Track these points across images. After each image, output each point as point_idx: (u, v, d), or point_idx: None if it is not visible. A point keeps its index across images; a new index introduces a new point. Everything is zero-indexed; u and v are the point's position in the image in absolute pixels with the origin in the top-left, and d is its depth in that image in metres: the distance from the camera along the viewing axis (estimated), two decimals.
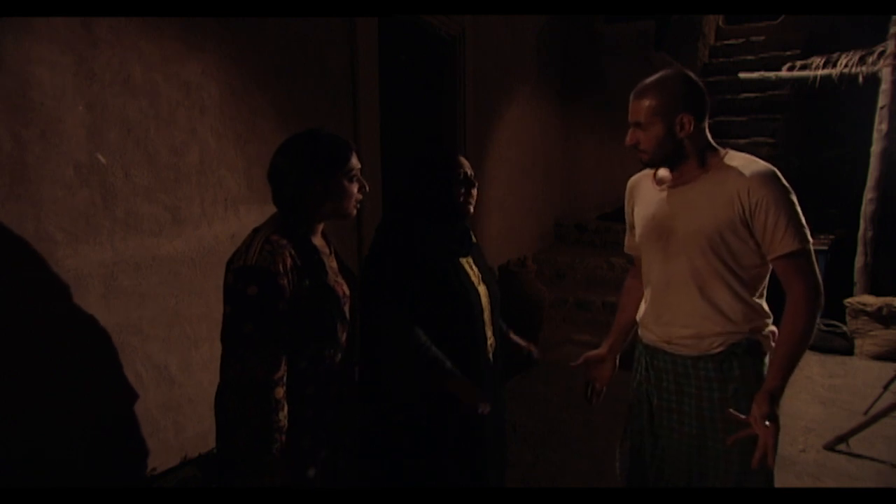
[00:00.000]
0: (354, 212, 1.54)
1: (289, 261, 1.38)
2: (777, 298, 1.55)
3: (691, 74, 1.54)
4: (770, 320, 1.56)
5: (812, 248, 1.45)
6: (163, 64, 2.17)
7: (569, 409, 3.37)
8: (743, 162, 1.49)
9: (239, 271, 1.36)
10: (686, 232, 1.53)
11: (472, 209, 1.76)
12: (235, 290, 1.35)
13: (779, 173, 1.47)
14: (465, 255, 1.75)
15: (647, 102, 1.49)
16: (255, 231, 1.45)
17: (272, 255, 1.35)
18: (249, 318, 1.33)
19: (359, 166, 1.52)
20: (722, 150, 1.54)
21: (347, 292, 1.53)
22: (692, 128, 1.48)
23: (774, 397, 1.43)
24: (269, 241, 1.38)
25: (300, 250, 1.42)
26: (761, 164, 1.48)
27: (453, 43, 4.09)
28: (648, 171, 1.69)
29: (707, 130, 1.54)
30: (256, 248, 1.37)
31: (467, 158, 1.78)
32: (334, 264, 1.56)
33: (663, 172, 1.62)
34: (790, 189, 1.45)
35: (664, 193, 1.59)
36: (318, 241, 1.53)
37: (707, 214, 1.48)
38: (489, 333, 1.75)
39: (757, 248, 1.48)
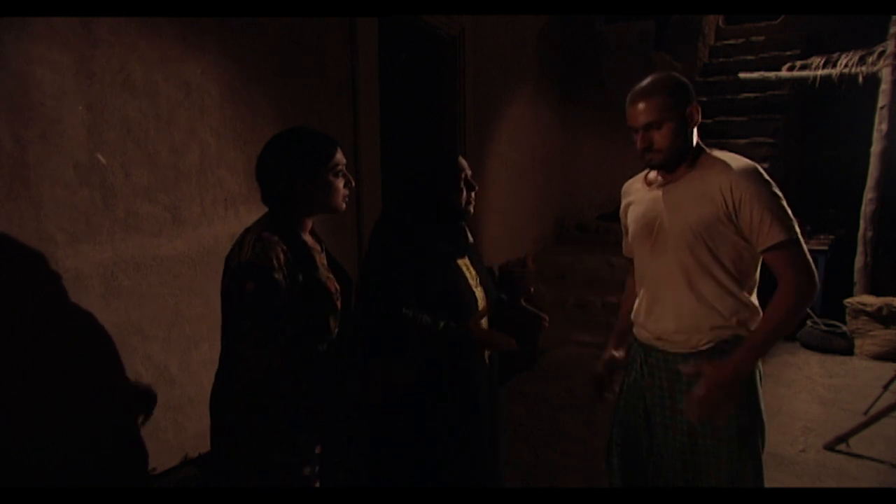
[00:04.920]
0: (343, 206, 1.55)
1: (282, 256, 1.39)
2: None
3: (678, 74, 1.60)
4: (759, 316, 1.57)
5: (800, 237, 1.48)
6: (163, 64, 2.17)
7: (569, 409, 3.37)
8: (725, 159, 1.53)
9: (235, 269, 1.37)
10: (673, 228, 1.56)
11: (472, 210, 1.77)
12: (233, 288, 1.36)
13: (760, 169, 1.51)
14: (461, 256, 1.74)
15: (657, 101, 1.51)
16: (247, 230, 1.46)
17: (265, 251, 1.36)
18: (248, 315, 1.34)
19: (343, 161, 1.52)
20: (707, 149, 1.59)
21: (338, 287, 1.54)
22: (699, 118, 1.54)
23: (738, 370, 1.44)
24: (261, 239, 1.39)
25: (291, 246, 1.43)
26: (743, 161, 1.52)
27: (453, 43, 4.09)
28: (640, 175, 1.73)
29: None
30: (249, 245, 1.38)
31: (467, 159, 1.78)
32: (324, 260, 1.56)
33: (653, 174, 1.66)
34: (773, 183, 1.49)
35: (653, 192, 1.63)
36: (307, 237, 1.54)
37: (692, 211, 1.52)
38: None
39: (744, 243, 1.51)
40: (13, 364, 1.80)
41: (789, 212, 1.48)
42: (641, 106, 1.53)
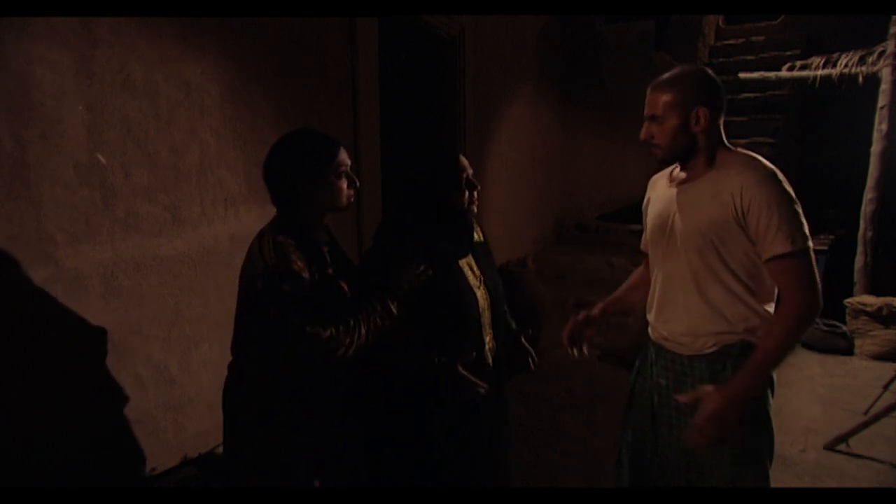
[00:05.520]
0: (347, 205, 1.57)
1: (301, 258, 1.42)
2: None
3: (710, 71, 1.54)
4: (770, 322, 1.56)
5: (809, 250, 1.41)
6: (162, 64, 2.17)
7: (569, 409, 3.38)
8: (744, 161, 1.48)
9: (268, 274, 1.39)
10: (684, 229, 1.53)
11: (475, 210, 1.76)
12: (270, 291, 1.38)
13: (779, 174, 1.45)
14: (463, 256, 1.74)
15: (664, 96, 1.49)
16: (261, 234, 1.48)
17: (287, 254, 1.40)
18: (297, 313, 1.36)
19: (348, 162, 1.54)
20: (733, 149, 1.54)
21: (349, 285, 1.56)
22: (707, 122, 1.48)
23: (735, 398, 1.39)
24: (277, 242, 1.42)
25: (304, 246, 1.45)
26: (760, 165, 1.47)
27: (453, 43, 4.09)
28: (667, 171, 1.69)
29: (721, 129, 1.54)
30: (269, 250, 1.41)
31: (467, 159, 1.78)
32: (336, 258, 1.58)
33: (677, 171, 1.63)
34: (788, 190, 1.43)
35: (672, 191, 1.60)
36: (319, 235, 1.56)
37: (704, 213, 1.49)
38: (487, 338, 1.74)
39: (754, 249, 1.47)
40: (13, 364, 1.80)
41: (801, 222, 1.41)
42: (650, 97, 1.52)
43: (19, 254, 1.80)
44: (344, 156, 1.53)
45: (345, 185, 1.53)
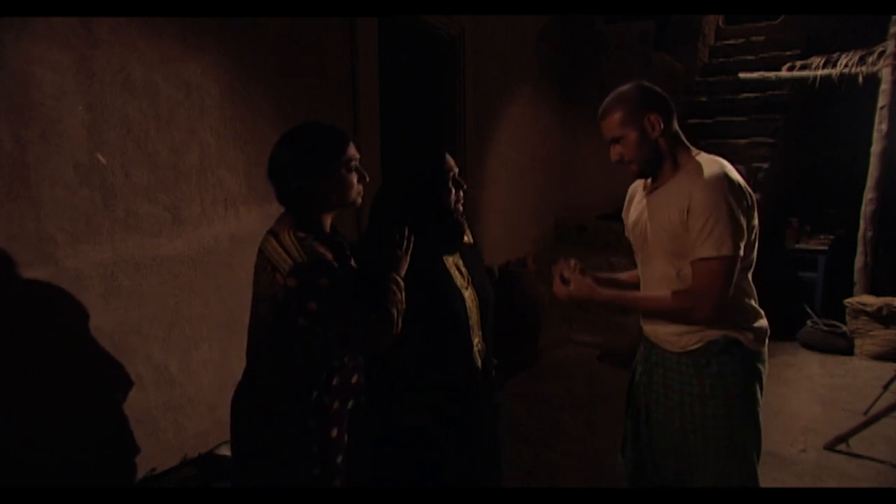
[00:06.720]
0: (359, 200, 1.53)
1: (327, 251, 1.40)
2: (774, 298, 1.55)
3: (646, 83, 1.59)
4: (754, 316, 1.58)
5: (733, 258, 1.43)
6: (162, 64, 2.17)
7: (569, 409, 3.38)
8: (700, 166, 1.50)
9: (298, 271, 1.33)
10: (653, 235, 1.59)
11: (461, 209, 1.75)
12: (307, 289, 1.33)
13: (729, 181, 1.45)
14: (450, 254, 1.73)
15: (614, 116, 1.55)
16: (275, 234, 1.41)
17: (315, 249, 1.36)
18: (335, 309, 1.34)
19: (357, 156, 1.49)
20: (693, 151, 1.57)
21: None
22: (661, 126, 1.52)
23: (585, 297, 1.59)
24: (299, 238, 1.37)
25: (323, 241, 1.43)
26: (713, 168, 1.48)
27: (453, 43, 4.09)
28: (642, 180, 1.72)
29: (679, 131, 1.58)
30: (294, 246, 1.36)
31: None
32: (351, 252, 1.57)
33: (650, 179, 1.67)
34: (732, 198, 1.43)
35: (644, 200, 1.65)
36: (329, 232, 1.53)
37: (666, 218, 1.53)
38: (476, 339, 1.73)
39: None
40: (13, 364, 1.80)
41: (736, 231, 1.42)
42: (602, 125, 1.59)
43: (19, 254, 1.80)
44: (353, 149, 1.48)
45: (355, 180, 1.49)
